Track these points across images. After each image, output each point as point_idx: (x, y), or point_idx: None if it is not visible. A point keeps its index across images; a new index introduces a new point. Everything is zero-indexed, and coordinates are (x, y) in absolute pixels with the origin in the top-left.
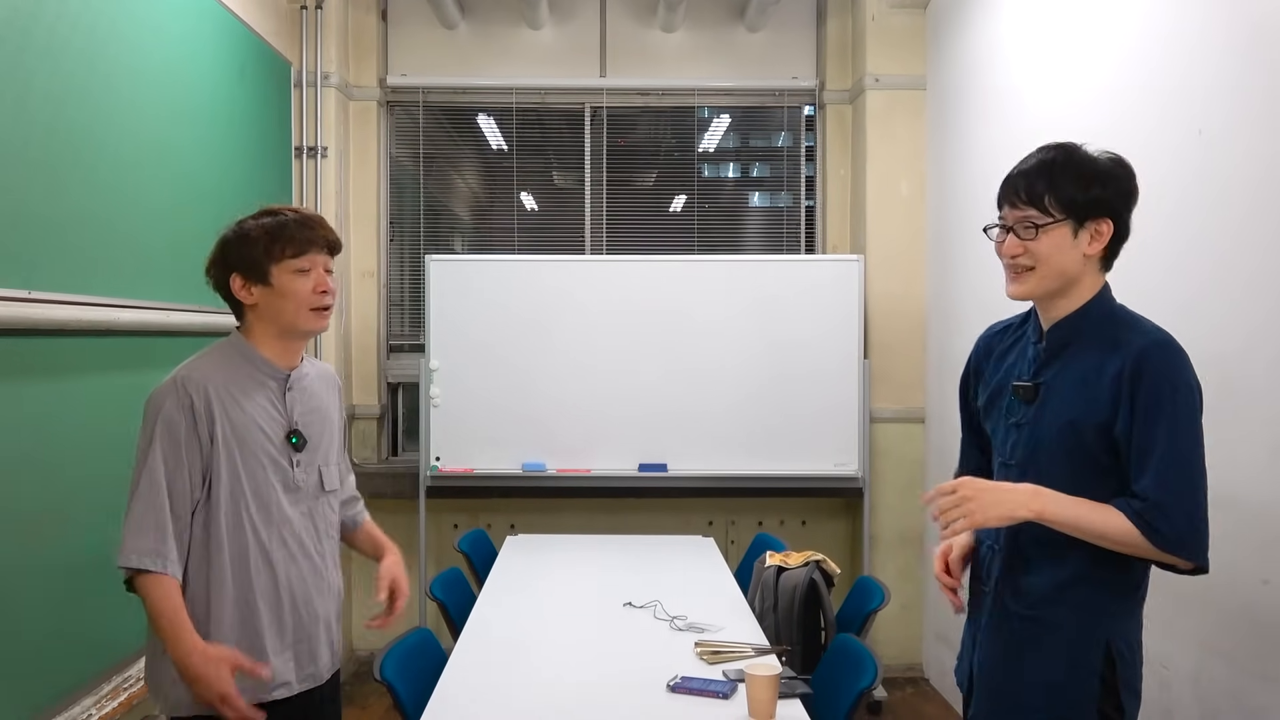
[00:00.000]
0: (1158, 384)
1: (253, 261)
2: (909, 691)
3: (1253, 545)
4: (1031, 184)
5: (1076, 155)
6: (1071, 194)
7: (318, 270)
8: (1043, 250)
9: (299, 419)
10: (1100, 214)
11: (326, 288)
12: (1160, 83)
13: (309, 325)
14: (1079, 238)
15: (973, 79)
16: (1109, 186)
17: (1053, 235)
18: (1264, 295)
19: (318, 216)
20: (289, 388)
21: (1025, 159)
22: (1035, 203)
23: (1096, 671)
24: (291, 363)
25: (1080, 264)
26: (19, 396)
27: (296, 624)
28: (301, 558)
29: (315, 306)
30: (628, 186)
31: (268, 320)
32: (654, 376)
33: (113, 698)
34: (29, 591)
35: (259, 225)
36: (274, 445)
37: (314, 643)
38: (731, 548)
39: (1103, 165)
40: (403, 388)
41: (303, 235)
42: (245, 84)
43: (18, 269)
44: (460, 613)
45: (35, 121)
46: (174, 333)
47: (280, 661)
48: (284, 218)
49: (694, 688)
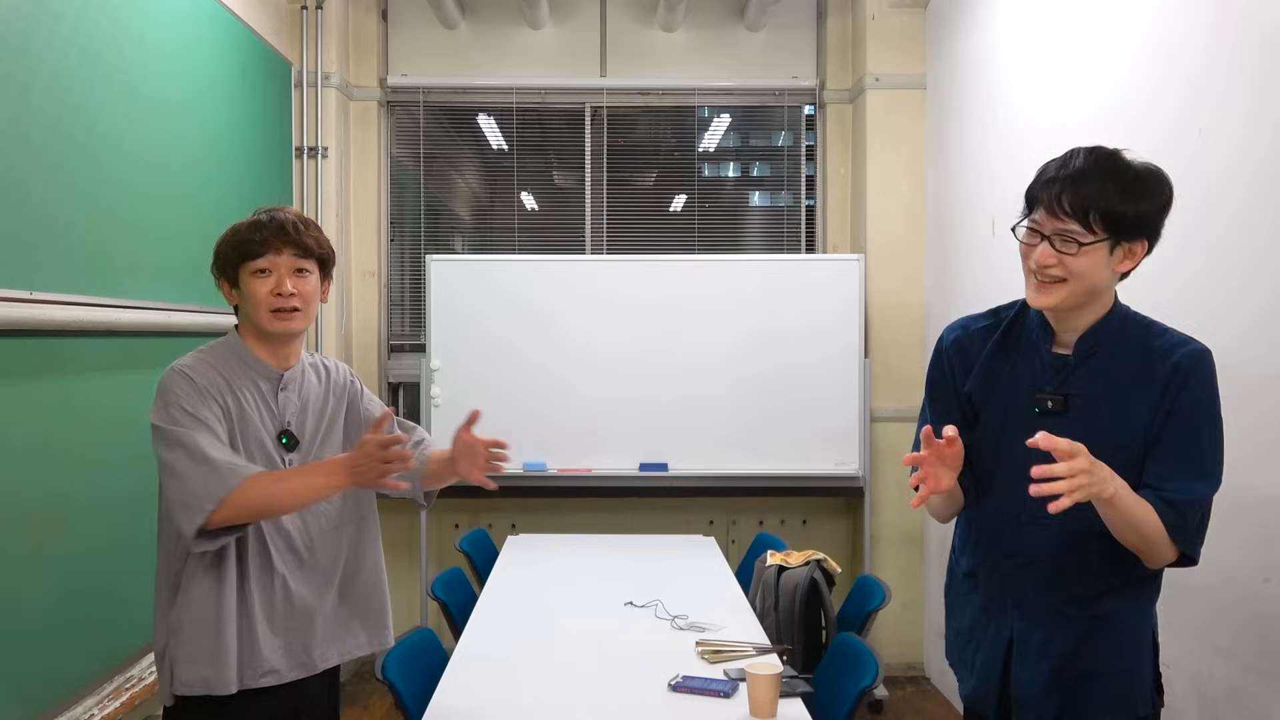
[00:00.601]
0: (1199, 392)
1: (226, 263)
2: (910, 690)
3: (1253, 543)
4: (1078, 197)
5: (1125, 170)
6: (1120, 213)
7: (279, 272)
8: (1080, 267)
9: (291, 419)
10: (1141, 235)
11: (283, 290)
12: (1160, 81)
13: (270, 327)
14: (1114, 254)
15: (973, 78)
16: (1154, 206)
17: (1093, 254)
18: (1262, 291)
19: (281, 218)
20: (282, 387)
21: (1067, 160)
22: (1079, 218)
23: (1149, 658)
24: (284, 364)
25: (1110, 279)
26: (21, 397)
27: (288, 614)
28: (288, 552)
29: (274, 309)
30: (628, 186)
31: (247, 321)
32: (655, 376)
33: (115, 697)
34: (31, 591)
35: (236, 227)
36: (268, 441)
37: (305, 633)
38: (732, 547)
39: (1148, 182)
40: (404, 387)
41: (258, 236)
42: (246, 84)
43: (20, 270)
44: (462, 612)
45: (36, 122)
46: (175, 333)
47: (270, 649)
48: (255, 219)
49: (695, 687)
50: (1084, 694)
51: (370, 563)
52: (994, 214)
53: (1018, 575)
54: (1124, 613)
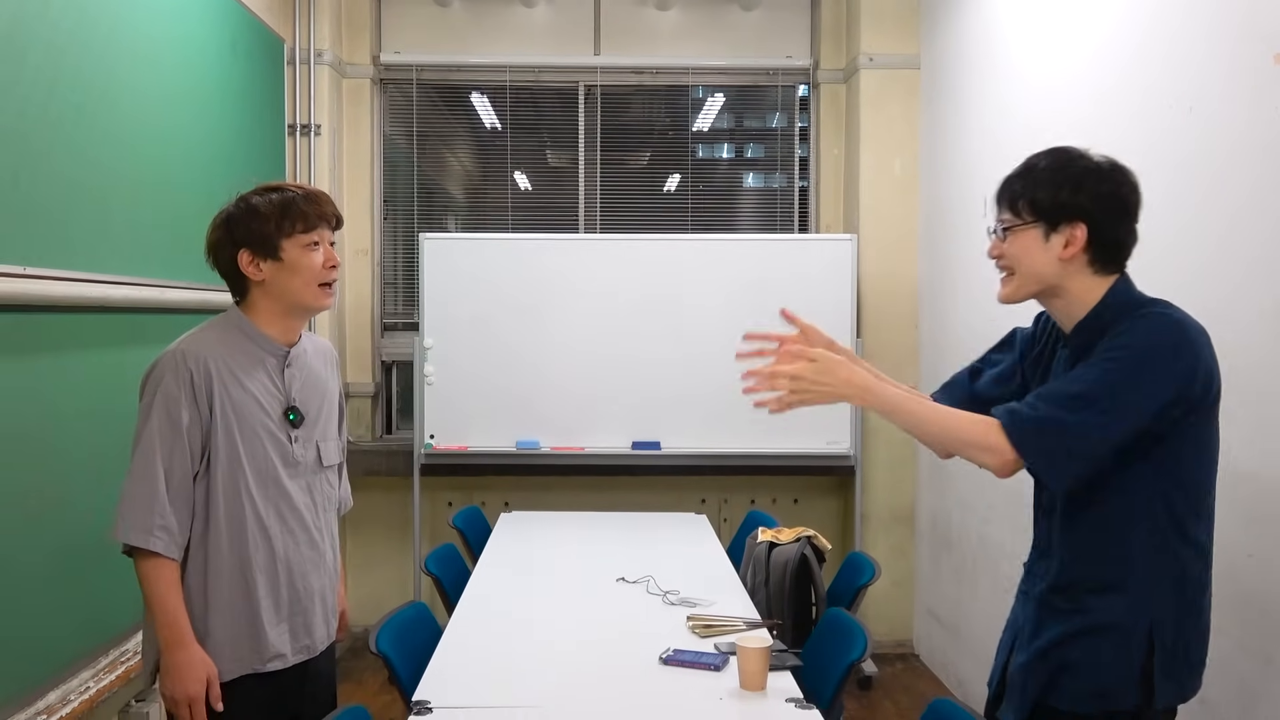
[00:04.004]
0: (1124, 338)
1: (263, 237)
2: (900, 668)
3: (1238, 520)
4: (1009, 187)
5: (1059, 159)
6: (1040, 197)
7: (325, 244)
8: (1013, 253)
9: (297, 395)
10: (1070, 218)
11: (335, 262)
12: (1162, 65)
13: (316, 301)
14: (1051, 241)
15: (966, 58)
16: (1083, 191)
17: (1021, 238)
18: (1257, 271)
19: (324, 193)
20: (288, 364)
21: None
22: (1010, 205)
23: (1138, 657)
24: (291, 339)
25: (1056, 268)
26: (15, 372)
27: (292, 597)
28: (299, 531)
29: (324, 281)
30: (622, 166)
31: (275, 296)
32: (647, 355)
33: (110, 670)
34: (26, 566)
35: (268, 201)
36: (272, 421)
37: (309, 615)
38: (724, 525)
39: (1083, 169)
40: (397, 366)
41: (312, 210)
42: (238, 61)
43: (14, 246)
44: (455, 588)
45: (29, 99)
46: (168, 310)
47: (276, 633)
48: (292, 193)
49: (686, 660)
50: (1063, 684)
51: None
52: (987, 195)
53: (1034, 566)
54: (1114, 611)
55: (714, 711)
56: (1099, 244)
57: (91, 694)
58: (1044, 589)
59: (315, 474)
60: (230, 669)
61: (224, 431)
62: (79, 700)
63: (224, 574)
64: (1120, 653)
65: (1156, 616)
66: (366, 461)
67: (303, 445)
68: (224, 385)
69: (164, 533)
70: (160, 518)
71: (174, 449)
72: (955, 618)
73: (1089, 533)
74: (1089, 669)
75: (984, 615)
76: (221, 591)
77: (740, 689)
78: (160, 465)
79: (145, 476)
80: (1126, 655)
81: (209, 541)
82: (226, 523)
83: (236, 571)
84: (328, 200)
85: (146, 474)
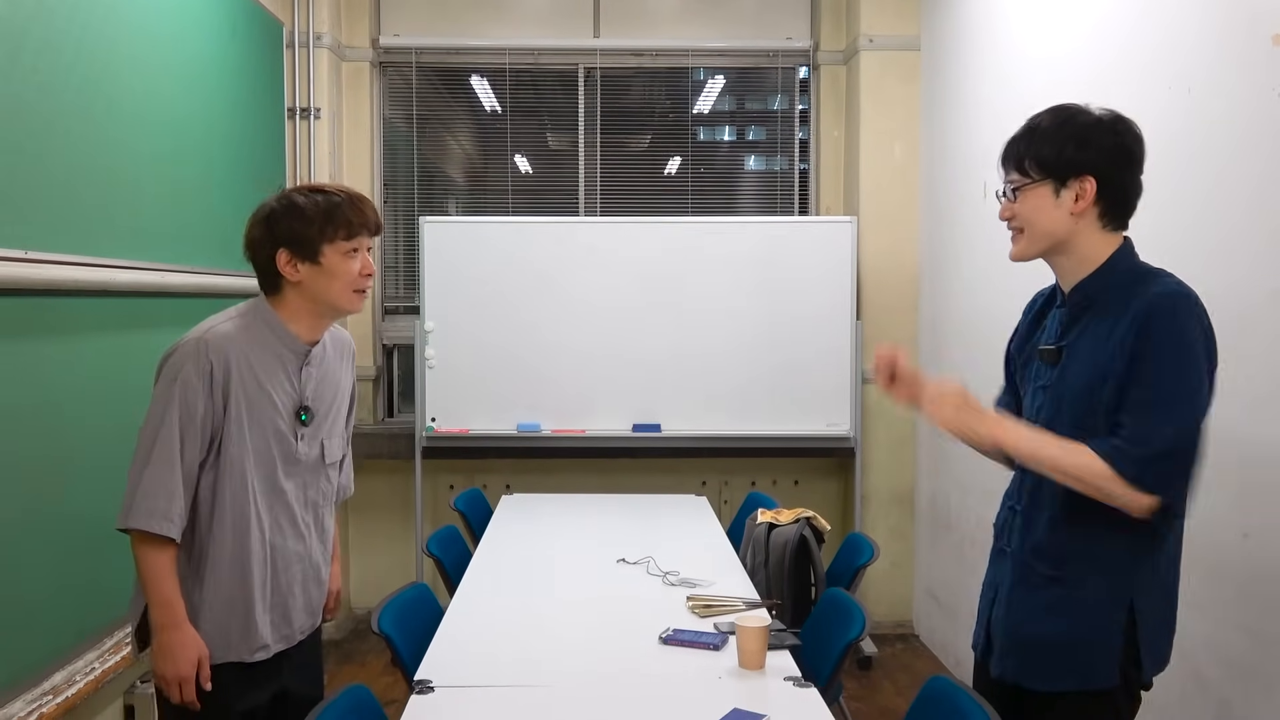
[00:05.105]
0: (1159, 334)
1: (305, 239)
2: (899, 648)
3: (1233, 499)
4: (1015, 147)
5: (1061, 116)
6: (1046, 154)
7: (364, 252)
8: (1024, 211)
9: (310, 395)
10: (1079, 172)
11: (371, 270)
12: (1162, 43)
13: (350, 306)
14: (1061, 198)
15: (967, 40)
16: (1089, 144)
17: (1031, 196)
18: (1249, 246)
19: (368, 199)
20: (307, 362)
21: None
22: (1017, 166)
23: (1120, 630)
24: (315, 338)
25: (1069, 224)
26: (17, 356)
27: (276, 588)
28: (288, 525)
29: (359, 289)
30: (622, 149)
31: (309, 298)
32: (648, 338)
33: (115, 651)
34: (30, 548)
35: (313, 202)
36: (283, 419)
37: (287, 607)
38: (725, 507)
39: (1086, 123)
40: (398, 349)
41: (357, 218)
42: (237, 44)
43: (15, 229)
44: (456, 569)
45: (29, 82)
46: (170, 294)
47: (263, 623)
48: (337, 198)
49: (686, 639)
50: (1042, 657)
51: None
52: (986, 177)
53: (1012, 520)
54: (1088, 583)
55: (713, 690)
56: (1108, 196)
57: (96, 675)
58: (1022, 551)
59: (315, 471)
60: (219, 655)
61: (235, 426)
62: (84, 681)
63: (223, 563)
64: (1100, 630)
65: (1138, 590)
66: (368, 445)
67: (308, 443)
68: (242, 381)
69: (179, 519)
70: (175, 505)
71: (187, 437)
72: (954, 598)
73: (1071, 499)
74: (1067, 647)
75: None
76: (219, 580)
77: (739, 668)
78: (177, 452)
79: (161, 462)
80: (1107, 632)
81: (211, 531)
82: (230, 513)
83: (235, 562)
84: (371, 208)
85: (162, 459)
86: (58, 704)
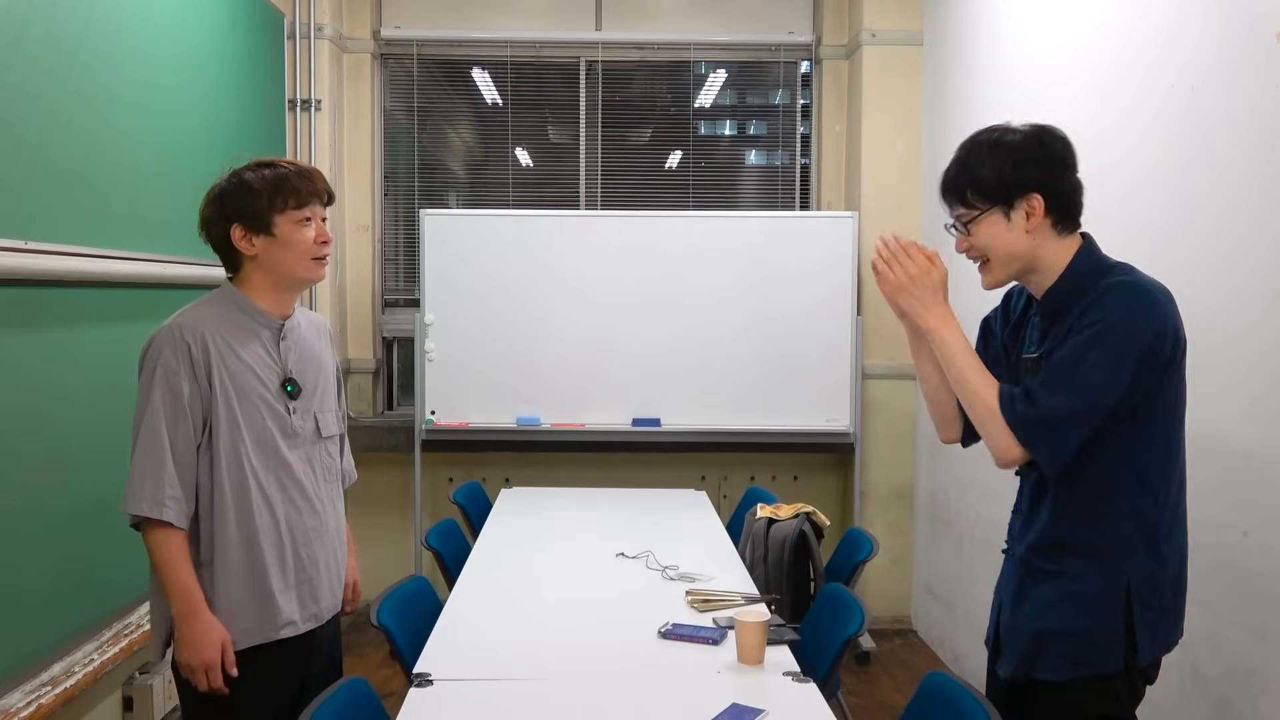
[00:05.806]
0: (1092, 313)
1: (255, 212)
2: (898, 643)
3: (1233, 498)
4: (953, 182)
5: (985, 143)
6: (986, 181)
7: (317, 220)
8: (981, 241)
9: (293, 367)
10: (1022, 191)
11: (327, 238)
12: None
13: (310, 274)
14: (1013, 220)
15: (969, 35)
16: (1024, 163)
17: (984, 225)
18: (1248, 248)
19: (316, 169)
20: (283, 337)
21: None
22: (960, 199)
23: (1119, 618)
24: (285, 312)
25: (1027, 242)
26: (17, 346)
27: (298, 565)
28: (301, 500)
29: (316, 256)
30: (623, 142)
31: (267, 270)
32: (648, 332)
33: (114, 643)
34: (30, 539)
35: (260, 177)
36: (270, 393)
37: (315, 584)
38: (724, 502)
39: (1014, 143)
40: (398, 342)
41: (304, 186)
42: (238, 35)
43: (15, 220)
44: (455, 562)
45: (31, 72)
46: (170, 285)
47: (285, 601)
48: (284, 169)
49: (685, 634)
50: (1049, 650)
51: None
52: None
53: (1015, 522)
54: (1085, 575)
55: (712, 684)
56: (1056, 206)
57: (95, 666)
58: (1024, 550)
59: (314, 445)
60: (241, 639)
61: (223, 403)
62: (83, 673)
63: (231, 544)
64: (1101, 618)
65: (1132, 576)
66: (368, 437)
67: (301, 416)
68: (221, 357)
69: (174, 503)
70: (169, 488)
71: (177, 420)
72: (953, 594)
73: (1065, 493)
74: (1071, 636)
75: (981, 592)
76: (230, 562)
77: (738, 663)
78: (166, 437)
79: (151, 448)
80: (1108, 620)
81: (215, 513)
82: (231, 493)
83: (243, 541)
84: (320, 177)
85: (152, 446)
86: (56, 695)
